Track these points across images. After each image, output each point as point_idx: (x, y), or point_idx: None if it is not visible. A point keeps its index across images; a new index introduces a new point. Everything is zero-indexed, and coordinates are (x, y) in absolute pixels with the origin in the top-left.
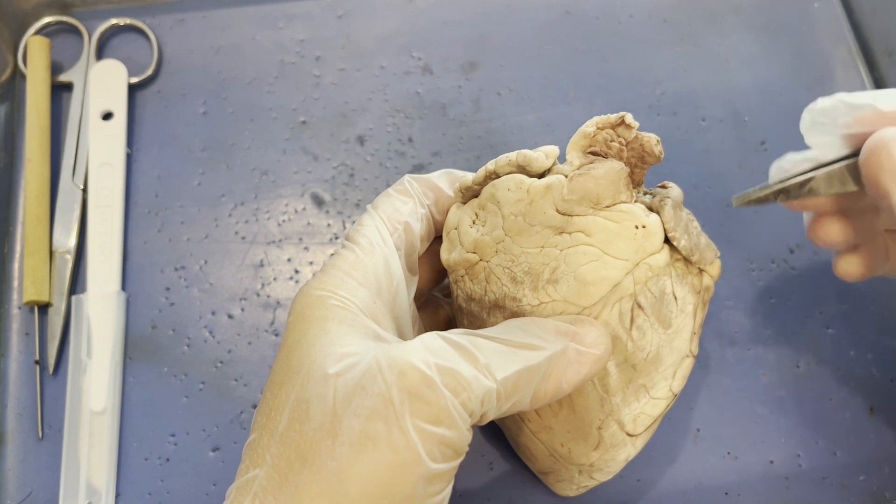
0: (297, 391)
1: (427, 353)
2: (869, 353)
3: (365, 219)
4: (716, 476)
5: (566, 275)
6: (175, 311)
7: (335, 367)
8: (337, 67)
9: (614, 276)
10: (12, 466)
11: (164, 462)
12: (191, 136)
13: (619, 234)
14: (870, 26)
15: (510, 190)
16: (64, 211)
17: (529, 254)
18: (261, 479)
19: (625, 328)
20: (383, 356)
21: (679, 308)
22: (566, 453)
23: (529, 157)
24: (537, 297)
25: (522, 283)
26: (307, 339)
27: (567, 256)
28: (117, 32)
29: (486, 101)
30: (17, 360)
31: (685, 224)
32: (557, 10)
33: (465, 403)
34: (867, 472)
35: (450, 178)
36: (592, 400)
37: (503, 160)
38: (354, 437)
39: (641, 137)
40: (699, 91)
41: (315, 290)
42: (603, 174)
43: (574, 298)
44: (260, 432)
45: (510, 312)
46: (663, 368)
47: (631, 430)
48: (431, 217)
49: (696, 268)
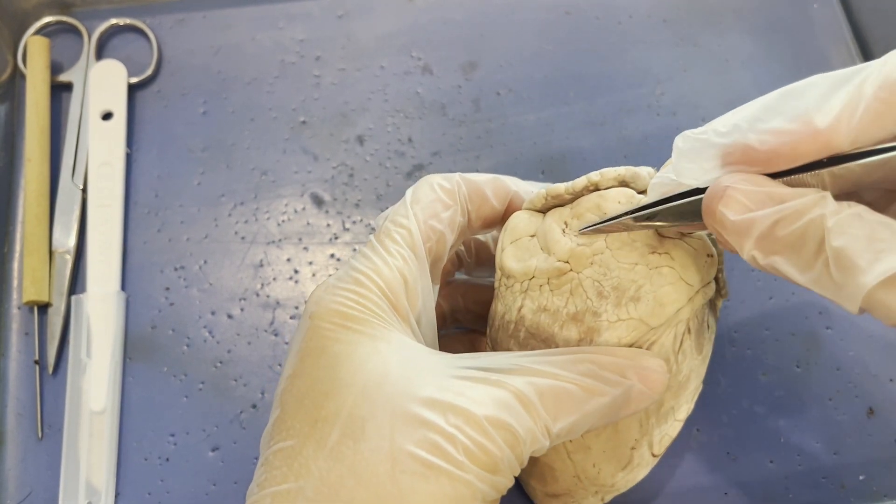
0: (349, 407)
1: (493, 405)
2: (869, 354)
3: (400, 217)
4: (716, 476)
5: (648, 294)
6: (175, 311)
7: (393, 390)
8: (337, 67)
9: (682, 300)
10: (12, 466)
11: (164, 462)
12: (191, 136)
13: (694, 261)
14: (870, 26)
15: (620, 203)
16: (64, 211)
17: (623, 269)
18: (306, 491)
19: (674, 352)
20: (449, 400)
21: (709, 336)
22: (595, 474)
23: (637, 174)
24: (617, 314)
25: (607, 299)
26: (358, 355)
27: (652, 276)
28: (117, 32)
29: (486, 101)
30: (16, 360)
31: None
32: (557, 10)
33: (518, 457)
34: (867, 472)
35: (497, 186)
36: (634, 420)
37: (610, 173)
38: (417, 467)
39: None
40: (699, 91)
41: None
42: None
43: (648, 318)
44: (301, 441)
45: (586, 327)
46: (687, 392)
47: (656, 451)
48: (469, 225)
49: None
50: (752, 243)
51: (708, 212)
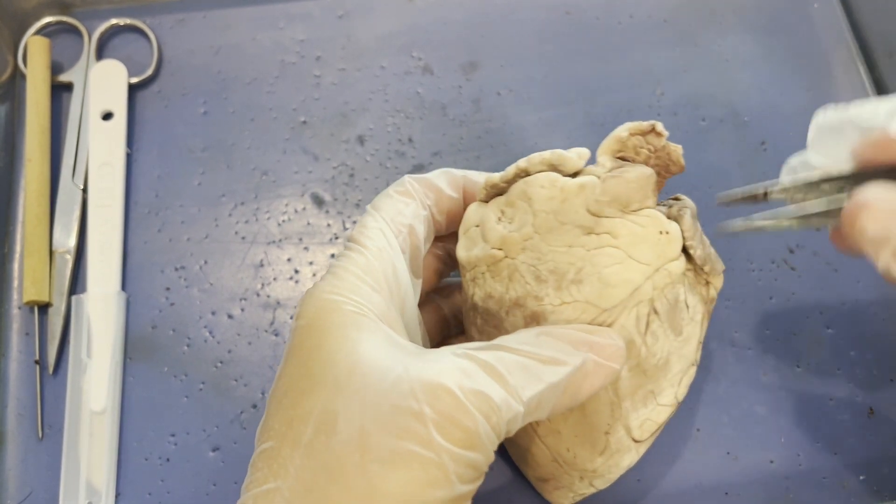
0: (322, 402)
1: (460, 376)
2: (869, 353)
3: (368, 221)
4: (716, 476)
5: (591, 276)
6: (175, 311)
7: (362, 380)
8: (337, 67)
9: (636, 279)
10: (12, 466)
11: (164, 462)
12: (191, 136)
13: (644, 239)
14: (870, 26)
15: (543, 187)
16: (64, 211)
17: (557, 252)
18: (283, 491)
19: (640, 333)
20: (416, 375)
21: (690, 316)
22: (571, 458)
23: (564, 157)
24: (560, 297)
25: (546, 282)
26: (328, 347)
27: (593, 257)
28: (117, 32)
29: (486, 102)
30: (17, 360)
31: (700, 234)
32: (557, 11)
33: (494, 427)
34: (867, 472)
35: (448, 177)
36: (603, 404)
37: (536, 158)
38: (385, 454)
39: (669, 147)
40: (699, 91)
41: (328, 294)
42: (635, 178)
43: (595, 300)
44: (279, 441)
45: (530, 312)
46: (671, 375)
47: (637, 436)
48: (433, 218)
49: (703, 278)
50: (890, 255)
51: (849, 222)
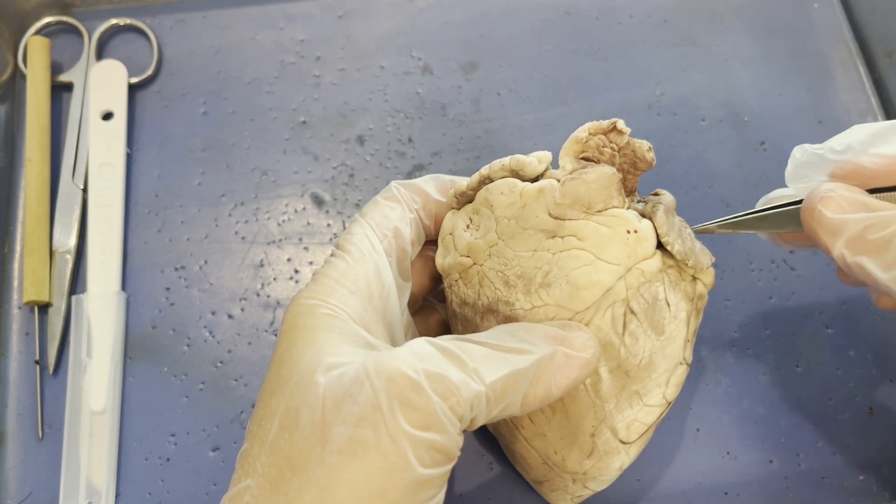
0: (286, 400)
1: (415, 359)
2: (869, 353)
3: (354, 227)
4: (716, 476)
5: (558, 279)
6: (175, 311)
7: (324, 376)
8: (337, 67)
9: (606, 280)
10: (12, 466)
11: (164, 462)
12: (191, 136)
13: (611, 239)
14: (869, 26)
15: (503, 193)
16: (64, 211)
17: (522, 257)
18: (252, 488)
19: (617, 333)
20: (371, 363)
21: (672, 315)
22: (560, 461)
23: (522, 162)
24: (530, 301)
25: (515, 287)
26: (297, 349)
27: (559, 260)
28: (117, 32)
29: (485, 102)
30: (17, 360)
31: (678, 229)
32: (557, 11)
33: (453, 408)
34: (867, 472)
35: (437, 182)
36: (585, 406)
37: (497, 165)
38: (343, 444)
39: (633, 143)
40: (699, 91)
41: (305, 300)
42: (594, 179)
43: (566, 303)
44: (252, 441)
45: (503, 317)
46: (657, 375)
47: (624, 438)
48: (420, 222)
49: (689, 275)
50: (843, 242)
51: (808, 209)
